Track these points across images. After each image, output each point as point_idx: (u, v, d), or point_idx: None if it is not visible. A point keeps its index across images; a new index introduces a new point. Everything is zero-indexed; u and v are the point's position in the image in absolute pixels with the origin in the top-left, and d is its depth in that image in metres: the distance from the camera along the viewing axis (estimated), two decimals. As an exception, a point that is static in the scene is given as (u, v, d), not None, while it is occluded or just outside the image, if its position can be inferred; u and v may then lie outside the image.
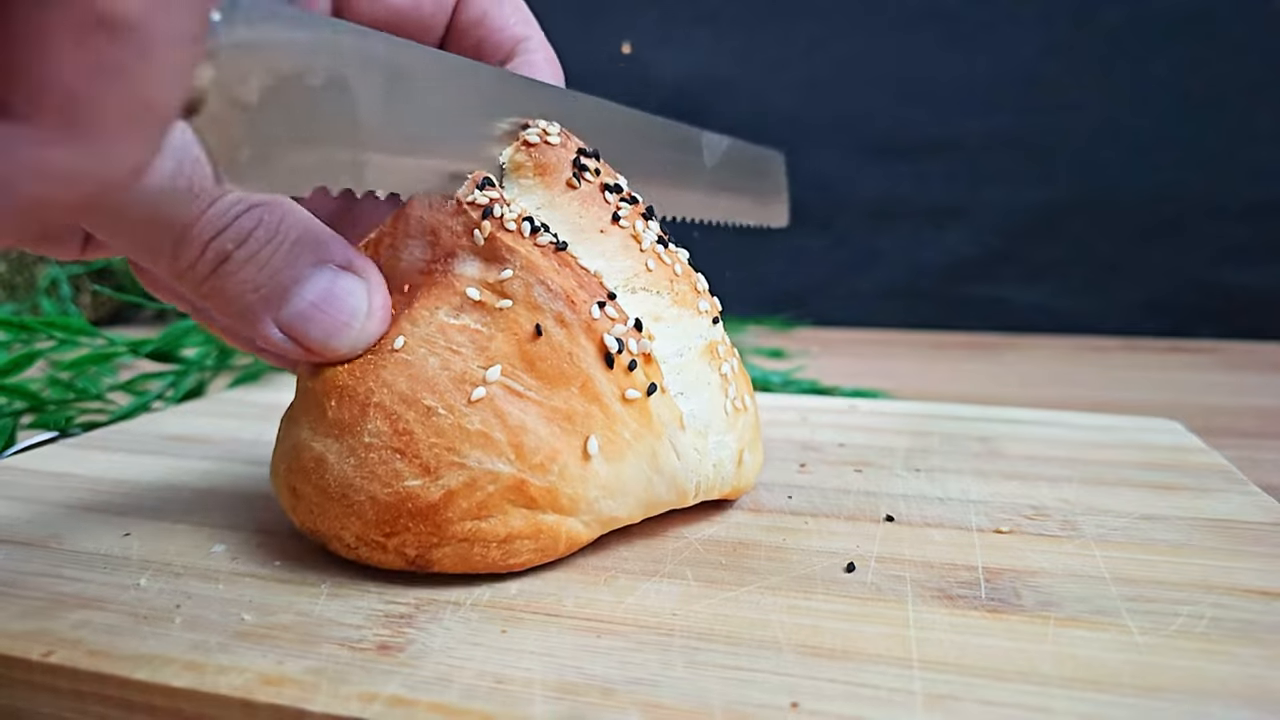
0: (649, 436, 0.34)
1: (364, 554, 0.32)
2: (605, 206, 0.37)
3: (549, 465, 0.32)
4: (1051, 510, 0.40)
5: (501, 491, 0.31)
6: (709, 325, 0.39)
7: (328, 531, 0.32)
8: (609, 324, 0.33)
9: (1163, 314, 1.19)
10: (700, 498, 0.37)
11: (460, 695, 0.25)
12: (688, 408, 0.36)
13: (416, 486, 0.31)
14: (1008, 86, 1.19)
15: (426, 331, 0.33)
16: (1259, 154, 1.13)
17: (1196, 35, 1.13)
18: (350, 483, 0.31)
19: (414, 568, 0.32)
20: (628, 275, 0.36)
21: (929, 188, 1.24)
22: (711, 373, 0.37)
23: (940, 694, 0.25)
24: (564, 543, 0.33)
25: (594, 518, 0.33)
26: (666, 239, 0.39)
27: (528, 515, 0.32)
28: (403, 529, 0.31)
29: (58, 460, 0.47)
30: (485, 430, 0.31)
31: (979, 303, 1.24)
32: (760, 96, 1.26)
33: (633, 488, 0.34)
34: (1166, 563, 0.34)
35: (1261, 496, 0.42)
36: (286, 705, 0.24)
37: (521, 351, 0.32)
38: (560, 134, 0.38)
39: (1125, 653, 0.27)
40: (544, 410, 0.32)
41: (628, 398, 0.33)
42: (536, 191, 0.37)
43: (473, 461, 0.31)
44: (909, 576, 0.33)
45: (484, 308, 0.33)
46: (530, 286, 0.33)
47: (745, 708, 0.24)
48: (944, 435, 0.53)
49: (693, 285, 0.39)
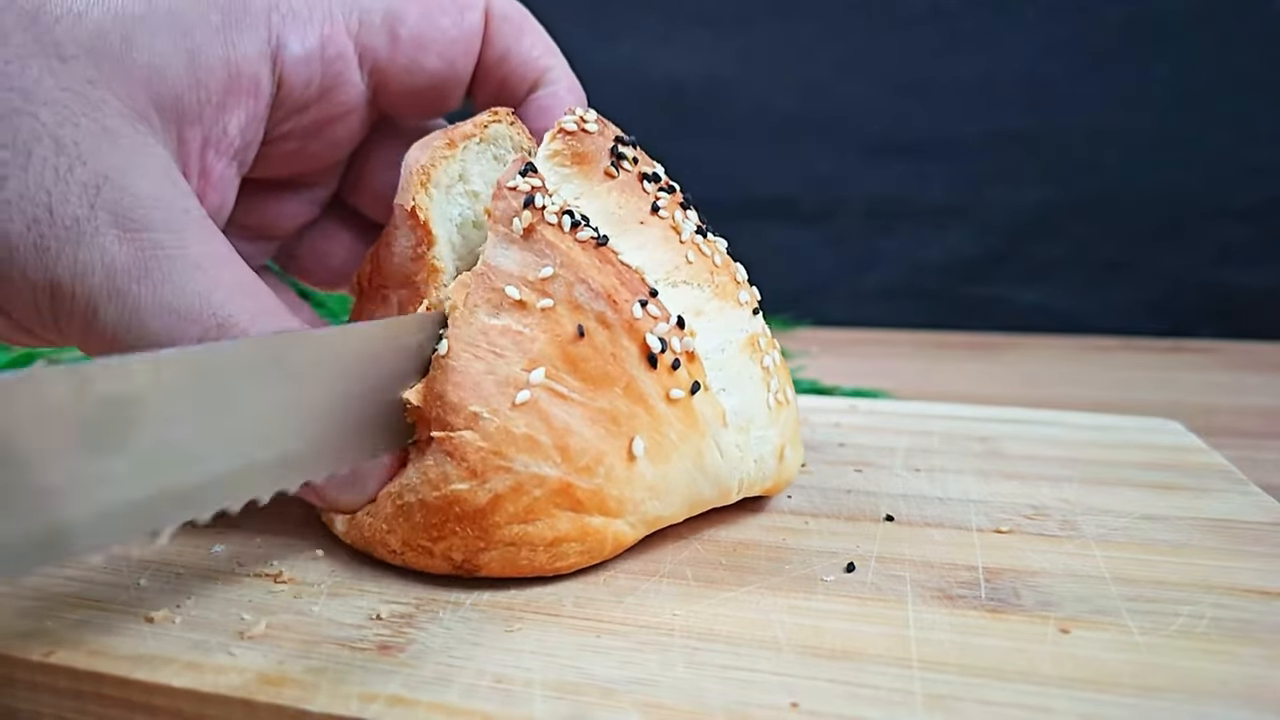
0: (693, 436, 0.34)
1: (410, 559, 0.32)
2: (644, 196, 0.37)
3: (595, 468, 0.31)
4: (1051, 510, 0.40)
5: (548, 495, 0.31)
6: (750, 317, 0.38)
7: (373, 537, 0.32)
8: (651, 323, 0.33)
9: (1163, 314, 1.19)
10: (742, 495, 0.37)
11: (460, 695, 0.25)
12: (730, 404, 0.35)
13: (464, 490, 0.30)
14: (1008, 86, 1.19)
15: (469, 334, 0.32)
16: (1259, 154, 1.13)
17: (1196, 35, 1.12)
18: (405, 482, 0.31)
19: (461, 572, 0.32)
20: (668, 269, 0.36)
21: (929, 187, 1.24)
22: (753, 367, 0.37)
23: (940, 694, 0.25)
24: (610, 545, 0.33)
25: (640, 519, 0.33)
26: (705, 228, 0.38)
27: (574, 518, 0.31)
28: (450, 533, 0.31)
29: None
30: (531, 433, 0.31)
31: (979, 302, 1.24)
32: (760, 96, 1.26)
33: (678, 487, 0.34)
34: (1166, 563, 0.34)
35: (1261, 496, 0.42)
36: (286, 705, 0.24)
37: (564, 353, 0.32)
38: (597, 120, 0.37)
39: (1125, 653, 0.27)
40: (588, 412, 0.32)
41: (672, 398, 0.33)
42: (574, 181, 0.36)
43: (519, 465, 0.31)
44: (909, 576, 0.33)
45: (524, 307, 0.32)
46: (571, 286, 0.32)
47: (745, 708, 0.24)
48: (944, 435, 0.53)
49: (733, 276, 0.38)
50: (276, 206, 0.41)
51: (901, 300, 1.27)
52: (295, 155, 0.39)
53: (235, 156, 0.35)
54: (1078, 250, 1.21)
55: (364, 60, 0.37)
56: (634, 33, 1.26)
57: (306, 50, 0.35)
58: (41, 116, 0.28)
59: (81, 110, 0.28)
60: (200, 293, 0.29)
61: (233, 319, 0.30)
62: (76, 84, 0.29)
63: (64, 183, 0.28)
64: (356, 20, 0.36)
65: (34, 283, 0.28)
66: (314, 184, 0.42)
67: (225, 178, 0.35)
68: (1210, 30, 1.12)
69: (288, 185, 0.41)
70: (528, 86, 0.40)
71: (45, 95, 0.28)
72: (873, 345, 1.13)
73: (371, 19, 0.37)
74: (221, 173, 0.35)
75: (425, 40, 0.37)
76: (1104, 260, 1.20)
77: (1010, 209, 1.22)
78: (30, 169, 0.27)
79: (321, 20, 0.35)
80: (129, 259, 0.28)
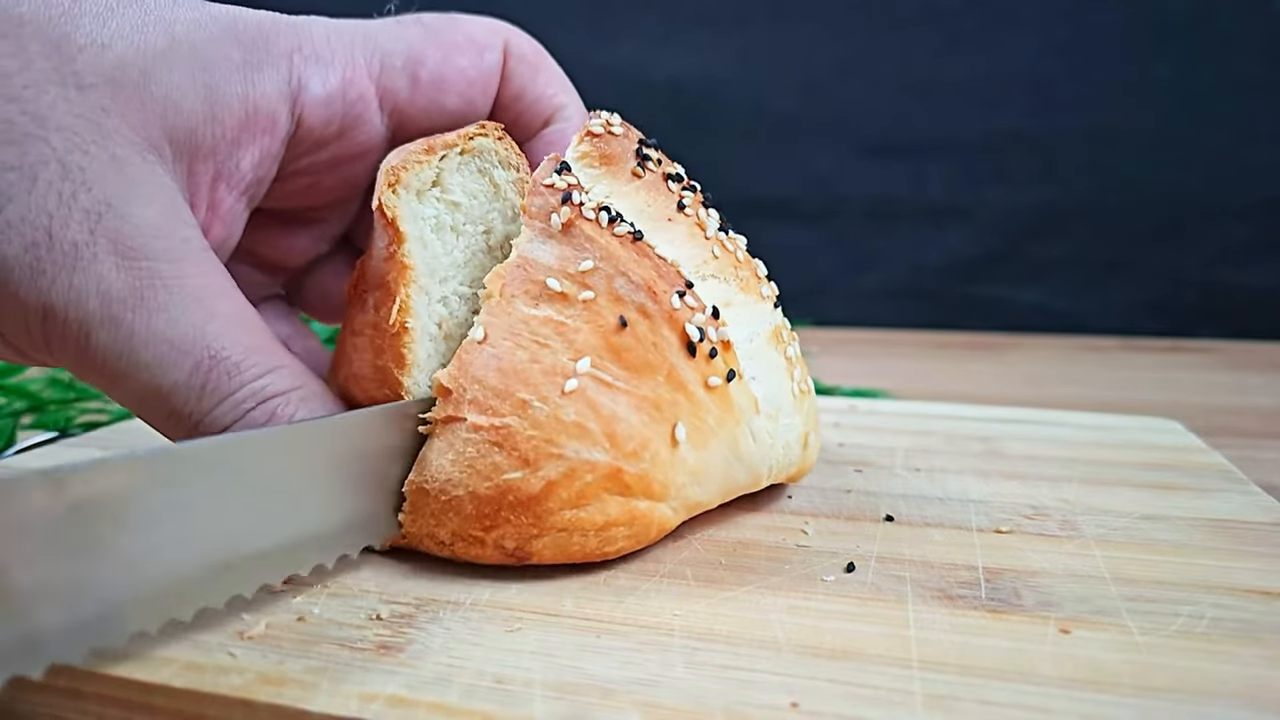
0: (730, 422, 0.35)
1: (460, 549, 0.32)
2: (670, 195, 0.38)
3: (641, 453, 0.32)
4: (1051, 510, 0.40)
5: (599, 480, 0.32)
6: (771, 310, 0.39)
7: (420, 530, 0.33)
8: (689, 313, 0.34)
9: (1163, 314, 1.19)
10: (770, 480, 0.38)
11: (460, 695, 0.24)
12: (760, 391, 0.37)
13: (517, 479, 0.31)
14: (1008, 86, 1.19)
15: (507, 323, 0.33)
16: (1259, 154, 1.13)
17: (1196, 35, 1.12)
18: (449, 478, 0.31)
19: (512, 560, 0.32)
20: (697, 263, 0.37)
21: (929, 187, 1.24)
22: (778, 357, 0.38)
23: (940, 694, 0.25)
24: (656, 528, 0.34)
25: (681, 503, 0.34)
26: (726, 226, 0.40)
27: (623, 502, 0.32)
28: (503, 522, 0.31)
29: (58, 460, 0.47)
30: (580, 421, 0.32)
31: (979, 302, 1.24)
32: (760, 96, 1.26)
33: (715, 472, 0.35)
34: (1166, 563, 0.34)
35: (1261, 496, 0.42)
36: (286, 705, 0.24)
37: (607, 343, 0.33)
38: (621, 124, 0.39)
39: (1125, 653, 0.27)
40: (633, 399, 0.33)
41: (710, 385, 0.34)
42: (603, 181, 0.37)
43: (570, 452, 0.31)
44: (909, 576, 0.33)
45: (566, 299, 0.33)
46: (611, 278, 0.33)
47: (745, 708, 0.24)
48: (944, 435, 0.53)
49: (753, 271, 0.40)
50: (288, 239, 0.42)
51: (901, 300, 1.27)
52: (309, 190, 0.39)
53: (246, 191, 0.35)
54: (1078, 250, 1.21)
55: (384, 102, 0.37)
56: (634, 33, 1.26)
57: (328, 91, 0.35)
58: (52, 141, 0.28)
59: (92, 138, 0.29)
60: (195, 324, 0.29)
61: (224, 352, 0.30)
62: (91, 112, 0.29)
63: (66, 207, 0.28)
64: (379, 63, 0.37)
65: (27, 305, 0.28)
66: (326, 219, 0.42)
67: (234, 211, 0.35)
68: (1210, 30, 1.12)
69: (300, 219, 0.41)
70: (541, 122, 0.41)
71: (58, 121, 0.28)
72: (873, 345, 1.13)
73: (393, 62, 0.37)
74: (230, 206, 0.35)
75: (445, 82, 0.38)
76: (1104, 260, 1.20)
77: (1010, 209, 1.22)
78: (34, 192, 0.28)
79: (344, 63, 0.36)
80: (125, 287, 0.29)
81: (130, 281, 0.29)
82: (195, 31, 0.32)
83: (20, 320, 0.29)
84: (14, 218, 0.27)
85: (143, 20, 0.31)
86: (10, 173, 0.27)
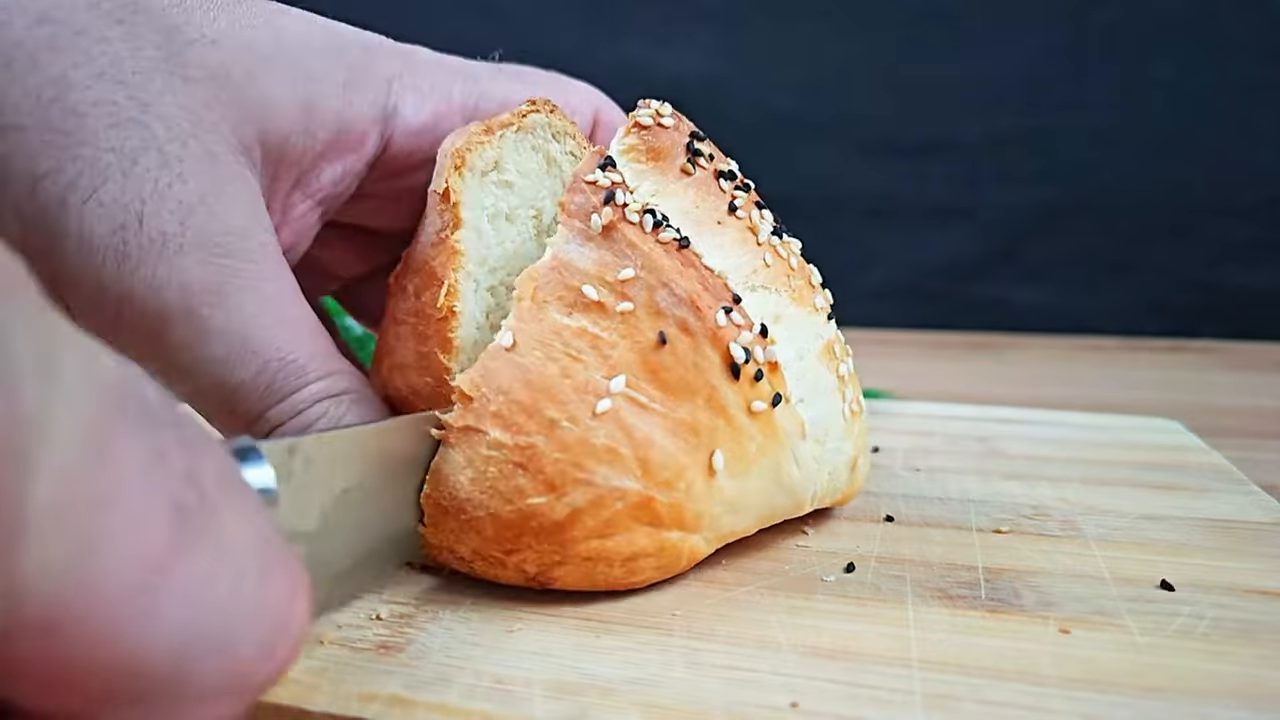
0: (773, 449, 0.32)
1: (480, 568, 0.31)
2: (721, 195, 0.35)
3: (675, 482, 0.30)
4: (1051, 510, 0.40)
5: (628, 509, 0.30)
6: (825, 323, 0.37)
7: (440, 543, 0.31)
8: (735, 331, 0.31)
9: (1163, 314, 1.19)
10: (813, 507, 0.36)
11: (460, 695, 0.24)
12: (808, 415, 0.34)
13: (541, 504, 0.29)
14: (1008, 86, 1.19)
15: (538, 331, 0.30)
16: (1259, 154, 1.13)
17: (1196, 35, 1.12)
18: (468, 497, 0.29)
19: (534, 584, 0.31)
20: (746, 272, 0.34)
21: (929, 187, 1.24)
22: (830, 376, 0.36)
23: (940, 694, 0.25)
24: (686, 559, 0.32)
25: (715, 534, 0.32)
26: (780, 229, 0.37)
27: (652, 533, 0.30)
28: (525, 546, 0.29)
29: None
30: (612, 445, 0.29)
31: (979, 302, 1.24)
32: (760, 96, 1.26)
33: (754, 502, 0.33)
34: (1166, 563, 0.34)
35: (1261, 496, 0.42)
36: (286, 705, 0.24)
37: (644, 361, 0.30)
38: (673, 115, 0.37)
39: (1125, 653, 0.27)
40: (669, 423, 0.30)
41: (754, 410, 0.31)
42: (650, 177, 0.35)
43: (599, 478, 0.29)
44: (909, 576, 0.33)
45: (603, 309, 0.31)
46: (653, 290, 0.31)
47: (745, 708, 0.24)
48: (944, 435, 0.53)
49: (808, 280, 0.37)
50: (352, 251, 0.42)
51: (901, 300, 1.27)
52: (378, 211, 0.39)
53: (322, 203, 0.35)
54: (1078, 250, 1.21)
55: None
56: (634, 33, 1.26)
57: (420, 122, 0.36)
58: (154, 129, 0.28)
59: (191, 131, 0.29)
60: (267, 325, 0.30)
61: (292, 354, 0.30)
62: (193, 105, 0.29)
63: (160, 196, 0.28)
64: (474, 104, 0.37)
65: (106, 287, 0.28)
66: (387, 238, 0.42)
67: (307, 221, 0.36)
68: (1210, 30, 1.12)
69: (363, 233, 0.42)
70: None
71: (162, 110, 0.29)
72: (873, 345, 1.12)
73: (488, 106, 0.37)
74: (304, 215, 0.35)
75: None
76: (1104, 260, 1.20)
77: (1010, 209, 1.22)
78: (131, 176, 0.28)
79: (440, 98, 0.36)
80: (206, 282, 0.29)
81: (211, 277, 0.29)
82: (302, 42, 0.33)
83: (95, 302, 0.29)
84: (107, 198, 0.28)
85: (250, 21, 0.32)
86: (110, 154, 0.28)
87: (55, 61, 0.27)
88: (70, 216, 0.27)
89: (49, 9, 0.27)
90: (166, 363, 0.30)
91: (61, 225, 0.27)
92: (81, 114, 0.27)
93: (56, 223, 0.27)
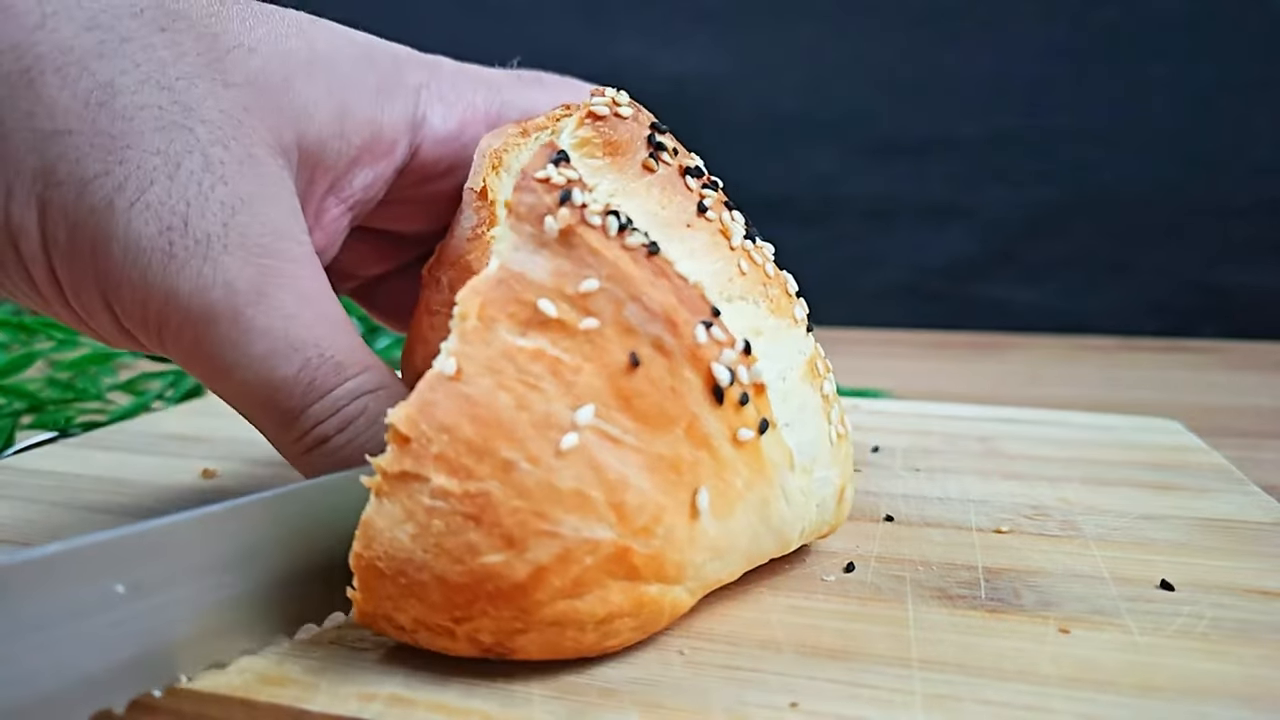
0: (760, 485, 0.28)
1: (424, 639, 0.26)
2: (689, 195, 0.32)
3: (654, 527, 0.26)
4: (1051, 510, 0.40)
5: (601, 563, 0.25)
6: (805, 336, 0.33)
7: (375, 611, 0.25)
8: (716, 349, 0.27)
9: (1162, 314, 1.19)
10: (800, 543, 0.32)
11: (460, 695, 0.24)
12: (794, 441, 0.30)
13: (497, 562, 0.24)
14: (1008, 86, 1.19)
15: (486, 355, 0.25)
16: (1259, 154, 1.13)
17: (1196, 35, 1.12)
18: (409, 557, 0.24)
19: (489, 655, 0.26)
20: (721, 281, 0.30)
21: (929, 187, 1.24)
22: (815, 396, 0.32)
23: (940, 694, 0.25)
24: (667, 615, 0.27)
25: (699, 583, 0.28)
26: (752, 232, 0.33)
27: (628, 588, 0.26)
28: (479, 613, 0.24)
29: (58, 460, 0.47)
30: (580, 488, 0.25)
31: (979, 302, 1.24)
32: (760, 96, 1.26)
33: (740, 544, 0.29)
34: (1166, 562, 0.34)
35: (1261, 496, 0.42)
36: (286, 705, 0.24)
37: (615, 387, 0.26)
38: (631, 104, 0.33)
39: (1125, 653, 0.27)
40: (645, 459, 0.26)
41: (739, 439, 0.27)
42: (608, 175, 0.31)
43: (567, 529, 0.24)
44: (909, 576, 0.33)
45: (563, 328, 0.26)
46: (621, 304, 0.26)
47: (745, 708, 0.24)
48: (944, 435, 0.53)
49: (784, 288, 0.33)
50: (374, 253, 0.43)
51: (901, 300, 1.27)
52: (403, 216, 0.40)
53: (353, 208, 0.36)
54: (1077, 250, 1.21)
55: None
56: (634, 33, 1.26)
57: (447, 130, 0.36)
58: (197, 132, 0.29)
59: (233, 134, 0.30)
60: (307, 323, 0.30)
61: (330, 351, 0.31)
62: (234, 109, 0.30)
63: (204, 198, 0.29)
64: (496, 112, 0.38)
65: (151, 287, 0.29)
66: (415, 240, 0.43)
67: (338, 224, 0.36)
68: (1210, 30, 1.12)
69: (386, 236, 0.42)
70: None
71: (204, 114, 0.29)
72: (873, 345, 1.13)
73: (509, 114, 0.38)
74: (336, 219, 0.36)
75: None
76: (1103, 260, 1.20)
77: (1010, 209, 1.22)
78: (177, 178, 0.28)
79: (465, 106, 0.37)
80: (249, 282, 0.29)
81: (254, 277, 0.29)
82: (335, 51, 0.34)
83: (139, 302, 0.29)
84: (154, 200, 0.28)
85: (285, 31, 0.32)
86: (155, 157, 0.28)
87: (104, 67, 0.28)
88: (118, 219, 0.28)
89: (97, 13, 0.28)
90: (209, 361, 0.30)
91: (108, 227, 0.28)
92: (129, 118, 0.28)
93: (103, 225, 0.28)
